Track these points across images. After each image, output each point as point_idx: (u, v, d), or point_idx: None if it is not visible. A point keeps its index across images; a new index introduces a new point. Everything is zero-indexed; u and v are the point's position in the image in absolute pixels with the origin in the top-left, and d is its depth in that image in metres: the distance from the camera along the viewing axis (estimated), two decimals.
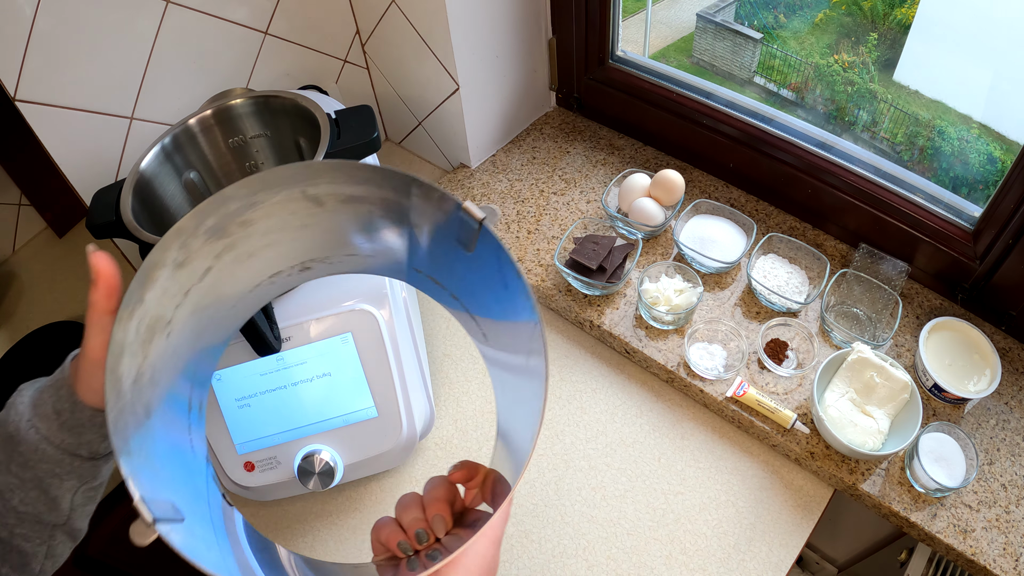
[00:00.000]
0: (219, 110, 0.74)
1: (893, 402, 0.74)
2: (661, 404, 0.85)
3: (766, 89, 1.01)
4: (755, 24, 0.98)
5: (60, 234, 1.18)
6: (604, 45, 1.03)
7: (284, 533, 0.79)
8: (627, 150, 1.09)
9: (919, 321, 0.83)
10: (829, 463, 0.74)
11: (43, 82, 0.72)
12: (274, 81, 0.97)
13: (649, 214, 0.92)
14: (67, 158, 0.78)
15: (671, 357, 0.84)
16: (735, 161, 0.98)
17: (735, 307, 0.88)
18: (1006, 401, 0.77)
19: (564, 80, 1.12)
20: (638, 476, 0.80)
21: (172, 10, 0.80)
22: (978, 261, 0.80)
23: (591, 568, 0.74)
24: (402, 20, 0.95)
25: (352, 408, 0.71)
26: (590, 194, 1.03)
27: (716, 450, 0.81)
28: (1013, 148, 0.78)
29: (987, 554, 0.67)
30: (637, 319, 0.87)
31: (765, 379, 0.81)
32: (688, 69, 1.04)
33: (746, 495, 0.77)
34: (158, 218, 0.70)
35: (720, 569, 0.72)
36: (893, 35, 0.83)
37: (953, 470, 0.70)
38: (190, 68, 0.85)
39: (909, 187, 0.85)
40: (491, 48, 0.99)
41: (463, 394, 0.89)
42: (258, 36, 0.91)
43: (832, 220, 0.93)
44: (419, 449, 0.84)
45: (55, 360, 0.39)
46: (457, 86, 0.98)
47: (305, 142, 0.75)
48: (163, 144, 0.70)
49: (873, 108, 0.90)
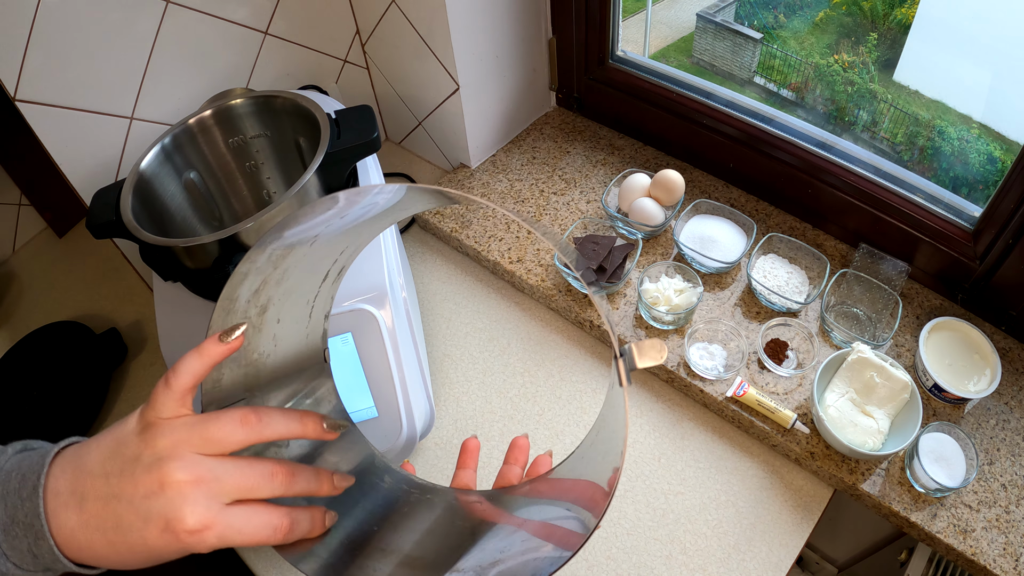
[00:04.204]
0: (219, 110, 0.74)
1: (893, 402, 0.74)
2: (661, 404, 0.85)
3: (766, 89, 1.01)
4: (755, 24, 0.98)
5: (60, 234, 1.18)
6: (604, 45, 1.03)
7: None
8: (627, 150, 1.09)
9: (919, 321, 0.83)
10: (829, 463, 0.74)
11: (43, 82, 0.72)
12: (274, 81, 0.97)
13: (649, 214, 0.92)
14: (67, 158, 0.78)
15: (671, 357, 0.84)
16: (735, 161, 0.98)
17: (735, 307, 0.88)
18: (1006, 401, 0.77)
19: (564, 80, 1.12)
20: (638, 476, 0.80)
21: (172, 10, 0.80)
22: (978, 261, 0.80)
23: (591, 568, 0.74)
24: (402, 20, 0.95)
25: (352, 408, 0.71)
26: (590, 194, 1.03)
27: (716, 450, 0.81)
28: (1013, 148, 0.78)
29: (987, 554, 0.67)
30: (637, 319, 0.87)
31: (765, 379, 0.81)
32: (688, 69, 1.04)
33: (746, 495, 0.77)
34: (158, 218, 0.70)
35: (720, 569, 0.72)
36: (893, 35, 0.83)
37: (953, 470, 0.70)
38: (190, 68, 0.85)
39: (909, 187, 0.85)
40: (491, 48, 0.99)
41: (463, 394, 0.89)
42: (258, 36, 0.91)
43: (832, 220, 0.93)
44: (419, 449, 0.84)
45: (55, 360, 0.38)
46: (457, 86, 0.98)
47: (305, 142, 0.75)
48: (163, 144, 0.70)
49: (873, 108, 0.90)
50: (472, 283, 1.01)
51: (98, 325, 0.98)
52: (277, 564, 0.77)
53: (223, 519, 0.33)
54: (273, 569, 0.77)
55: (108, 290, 1.07)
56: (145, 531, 0.33)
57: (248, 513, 0.34)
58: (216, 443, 0.35)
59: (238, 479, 0.34)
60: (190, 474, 0.33)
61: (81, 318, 1.01)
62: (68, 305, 1.06)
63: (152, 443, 0.34)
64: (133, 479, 0.33)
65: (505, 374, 0.90)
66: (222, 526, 0.33)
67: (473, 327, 0.95)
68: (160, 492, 0.33)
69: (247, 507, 0.34)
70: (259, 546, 0.39)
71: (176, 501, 0.32)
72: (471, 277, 1.02)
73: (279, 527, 0.35)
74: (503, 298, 0.98)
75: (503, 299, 0.98)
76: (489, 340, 0.94)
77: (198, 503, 0.33)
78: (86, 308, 1.05)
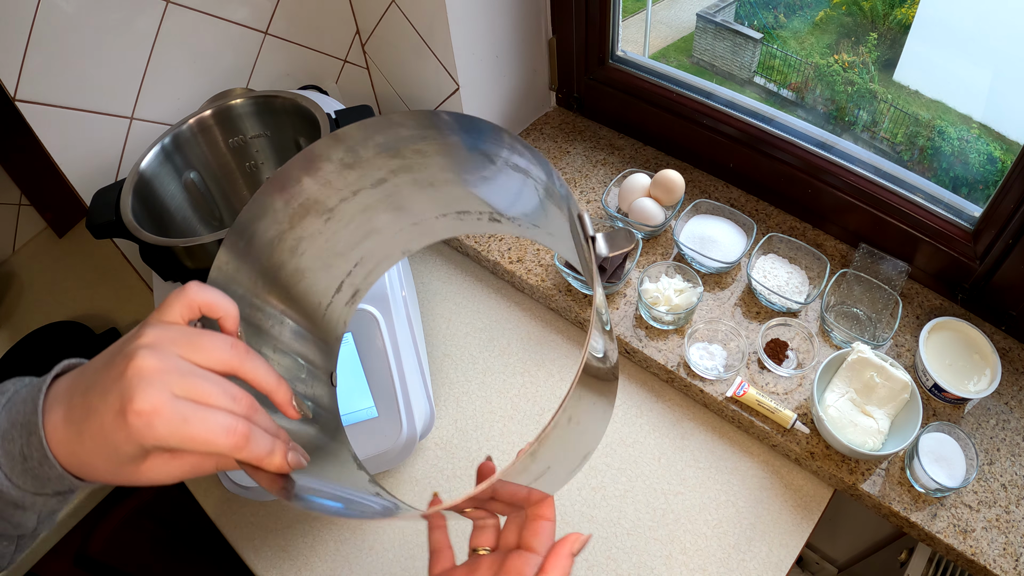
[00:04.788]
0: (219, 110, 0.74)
1: (893, 402, 0.74)
2: (661, 404, 0.85)
3: (766, 89, 1.01)
4: (755, 24, 0.98)
5: (60, 234, 1.18)
6: (604, 45, 1.03)
7: (284, 532, 0.79)
8: (627, 150, 1.09)
9: (919, 321, 0.83)
10: (829, 463, 0.74)
11: (43, 82, 0.72)
12: (274, 81, 0.97)
13: (649, 214, 0.92)
14: (67, 158, 0.78)
15: (671, 357, 0.84)
16: (735, 161, 0.98)
17: (735, 307, 0.88)
18: (1006, 401, 0.77)
19: (564, 80, 1.12)
20: (638, 476, 0.80)
21: (172, 10, 0.80)
22: (978, 261, 0.80)
23: (591, 568, 0.74)
24: (402, 20, 0.95)
25: (352, 408, 0.71)
26: (590, 194, 1.03)
27: (716, 450, 0.81)
28: (1013, 148, 0.78)
29: (987, 554, 0.67)
30: (637, 319, 0.87)
31: (765, 379, 0.81)
32: (688, 69, 1.04)
33: (746, 495, 0.77)
34: (158, 218, 0.70)
35: (720, 569, 0.72)
36: (893, 35, 0.83)
37: (953, 470, 0.70)
38: (190, 68, 0.85)
39: (909, 187, 0.85)
40: (491, 48, 0.99)
41: (463, 394, 0.89)
42: (258, 36, 0.91)
43: (832, 220, 0.93)
44: (419, 449, 0.84)
45: (55, 360, 0.38)
46: (457, 86, 0.98)
47: (305, 142, 0.75)
48: (163, 144, 0.70)
49: (873, 108, 0.90)
50: (472, 283, 1.01)
51: (98, 325, 0.98)
52: (277, 564, 0.77)
53: (176, 407, 0.32)
54: (273, 569, 0.77)
55: (108, 290, 1.07)
56: (105, 415, 0.32)
57: (205, 410, 0.33)
58: (199, 349, 0.34)
59: (204, 383, 0.33)
60: (158, 362, 0.32)
61: (81, 318, 1.01)
62: (68, 305, 1.06)
63: (140, 334, 0.34)
64: (110, 366, 0.33)
65: (505, 374, 0.90)
66: (172, 413, 0.32)
67: (473, 327, 0.95)
68: (124, 374, 0.32)
69: (205, 406, 0.33)
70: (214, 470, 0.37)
71: (134, 381, 0.32)
72: (471, 277, 1.02)
73: (233, 430, 0.33)
74: (503, 298, 0.98)
75: (503, 299, 0.98)
76: (489, 340, 0.94)
77: (153, 387, 0.32)
78: (86, 308, 1.05)
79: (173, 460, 0.35)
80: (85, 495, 0.87)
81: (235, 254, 0.39)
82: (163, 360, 0.33)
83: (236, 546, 0.80)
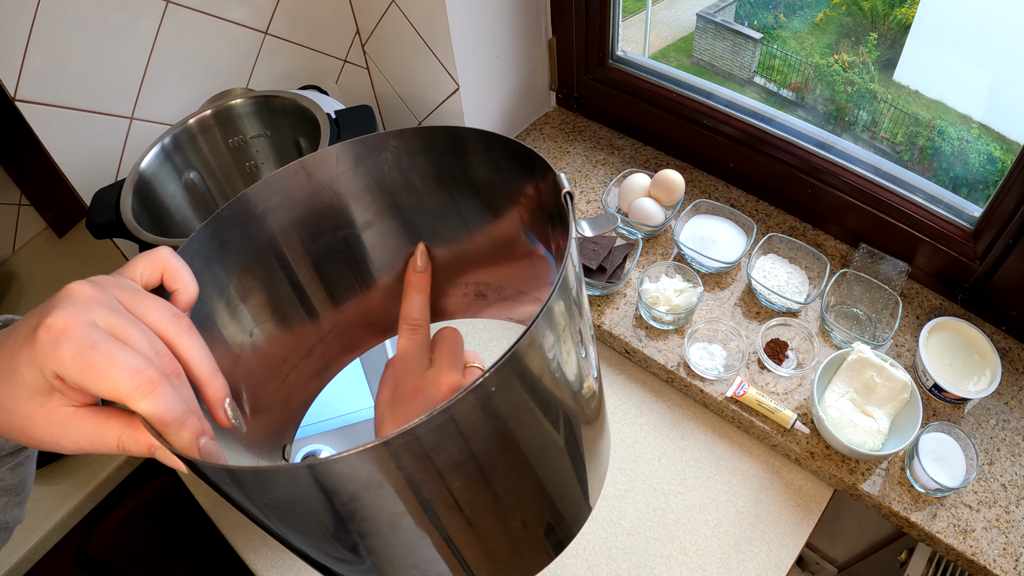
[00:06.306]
0: (219, 110, 0.74)
1: (893, 402, 0.74)
2: (661, 404, 0.85)
3: (766, 89, 1.01)
4: (755, 24, 0.98)
5: (60, 234, 1.18)
6: (604, 45, 1.03)
7: None
8: (627, 150, 1.09)
9: (919, 321, 0.83)
10: (829, 463, 0.74)
11: (43, 82, 0.72)
12: (274, 81, 0.97)
13: (649, 214, 0.92)
14: (67, 158, 0.78)
15: (671, 357, 0.84)
16: (735, 161, 0.98)
17: (735, 307, 0.88)
18: (1006, 401, 0.77)
19: (564, 80, 1.12)
20: (638, 476, 0.80)
21: (172, 10, 0.80)
22: (978, 261, 0.80)
23: (591, 568, 0.74)
24: (402, 20, 0.95)
25: (352, 408, 0.71)
26: (590, 194, 1.03)
27: (716, 450, 0.81)
28: (1013, 148, 0.78)
29: (987, 554, 0.67)
30: (637, 319, 0.87)
31: (765, 379, 0.81)
32: (688, 69, 1.04)
33: (746, 495, 0.77)
34: (158, 218, 0.70)
35: (720, 569, 0.72)
36: (893, 35, 0.83)
37: (953, 470, 0.70)
38: (190, 68, 0.85)
39: (909, 187, 0.85)
40: (491, 48, 0.99)
41: None
42: (258, 36, 0.91)
43: (832, 220, 0.93)
44: None
45: None
46: (457, 86, 0.98)
47: (305, 142, 0.75)
48: (163, 144, 0.70)
49: (873, 108, 0.90)
50: None
51: None
52: (277, 564, 0.77)
53: (88, 331, 0.29)
54: (272, 569, 0.77)
55: None
56: (19, 333, 0.30)
57: (118, 345, 0.29)
58: (139, 303, 0.32)
59: (129, 325, 0.30)
60: (91, 291, 0.30)
61: None
62: None
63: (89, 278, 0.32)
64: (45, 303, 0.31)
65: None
66: (83, 336, 0.29)
67: (473, 326, 0.95)
68: (54, 298, 0.30)
69: (122, 343, 0.30)
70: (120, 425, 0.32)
71: (59, 300, 0.30)
72: None
73: (141, 371, 0.29)
74: None
75: None
76: (489, 340, 0.94)
77: (75, 308, 0.29)
78: None
79: (75, 415, 0.31)
80: (85, 495, 0.87)
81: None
82: (97, 292, 0.30)
83: (235, 546, 0.80)
